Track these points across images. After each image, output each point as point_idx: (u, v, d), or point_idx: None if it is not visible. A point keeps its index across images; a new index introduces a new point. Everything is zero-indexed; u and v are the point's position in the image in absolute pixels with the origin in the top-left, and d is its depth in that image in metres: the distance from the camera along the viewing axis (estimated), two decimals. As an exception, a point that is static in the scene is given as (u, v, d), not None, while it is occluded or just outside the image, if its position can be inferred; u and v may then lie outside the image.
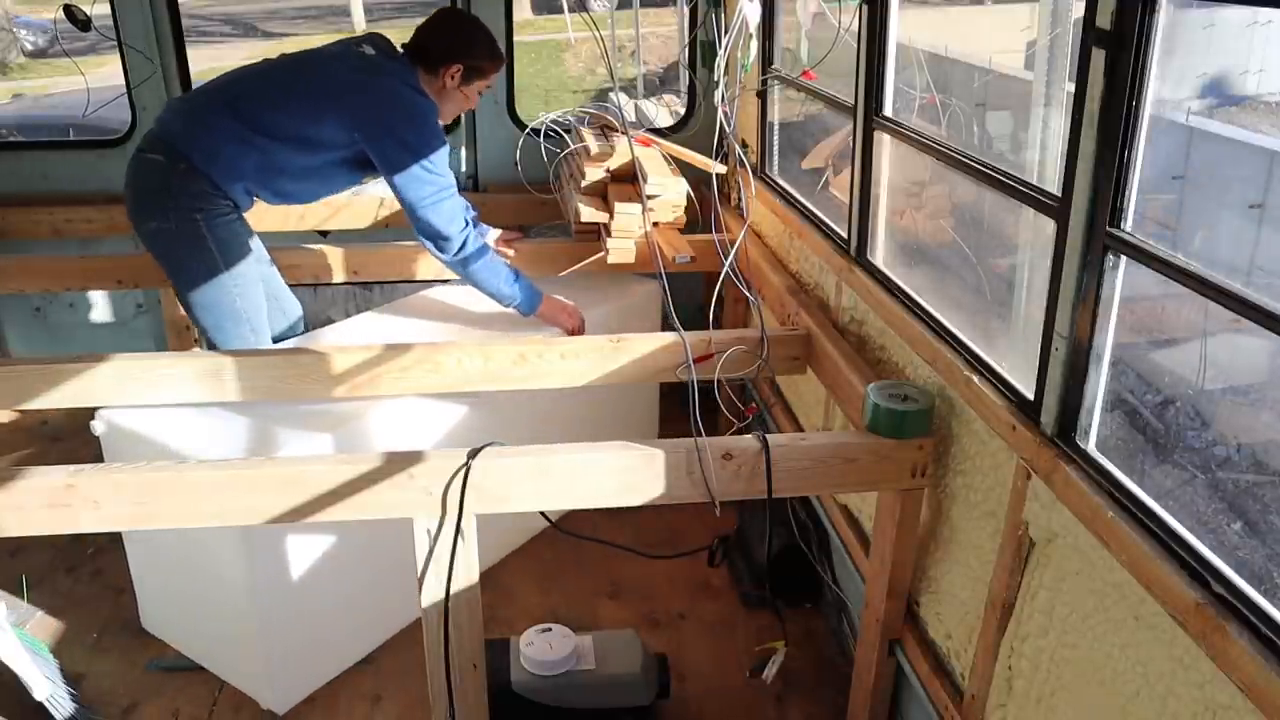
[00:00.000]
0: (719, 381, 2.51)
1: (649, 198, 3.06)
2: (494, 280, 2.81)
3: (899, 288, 2.30)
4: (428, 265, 3.35)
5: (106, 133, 3.87)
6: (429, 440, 2.66)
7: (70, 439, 3.77)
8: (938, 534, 2.13)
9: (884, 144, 2.42)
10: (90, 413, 2.50)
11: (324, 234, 3.81)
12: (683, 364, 2.51)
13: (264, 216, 3.76)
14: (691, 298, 3.25)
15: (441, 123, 2.82)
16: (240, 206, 2.77)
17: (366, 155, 2.72)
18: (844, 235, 2.59)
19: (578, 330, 2.90)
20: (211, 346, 2.80)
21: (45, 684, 2.35)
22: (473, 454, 1.96)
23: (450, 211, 2.71)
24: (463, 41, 2.82)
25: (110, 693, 2.57)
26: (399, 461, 1.96)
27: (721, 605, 2.90)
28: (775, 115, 3.30)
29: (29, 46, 15.53)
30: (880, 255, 2.48)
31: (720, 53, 2.84)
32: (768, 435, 2.04)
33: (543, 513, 2.32)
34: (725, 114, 2.67)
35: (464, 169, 3.92)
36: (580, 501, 2.05)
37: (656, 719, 2.36)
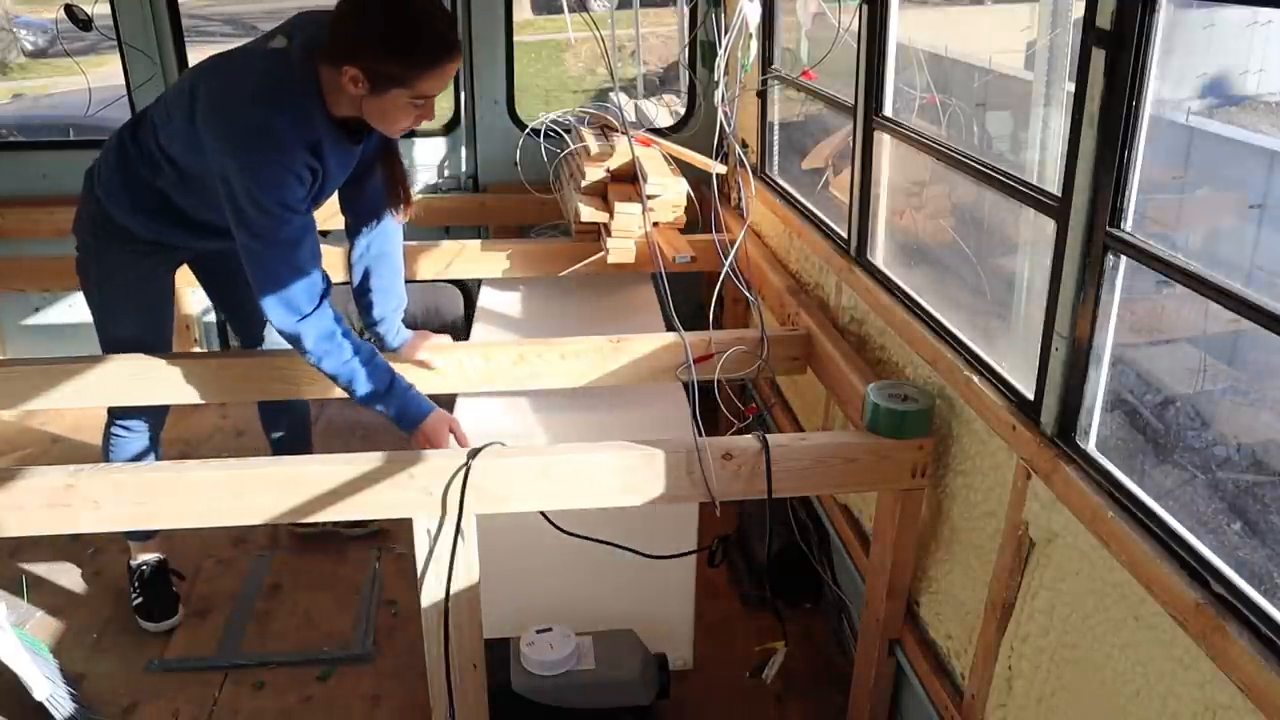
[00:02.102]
0: (719, 381, 2.51)
1: (649, 198, 3.06)
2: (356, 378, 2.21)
3: (899, 288, 2.30)
4: (428, 265, 3.35)
5: (107, 133, 3.85)
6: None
7: (70, 439, 3.77)
8: (938, 534, 2.13)
9: (884, 144, 2.42)
10: (91, 413, 2.51)
11: (324, 234, 3.80)
12: (683, 364, 2.51)
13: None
14: (691, 298, 3.25)
15: (384, 131, 2.13)
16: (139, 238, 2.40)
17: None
18: (844, 235, 2.59)
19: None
20: None
21: (45, 684, 2.35)
22: (473, 454, 1.97)
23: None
24: (360, 33, 1.97)
25: (110, 693, 2.58)
26: (399, 461, 1.96)
27: (721, 605, 2.90)
28: (775, 115, 3.30)
29: (29, 46, 15.52)
30: (880, 255, 2.48)
31: (720, 53, 2.84)
32: (768, 435, 2.04)
33: (543, 513, 2.32)
34: (725, 114, 2.67)
35: (464, 169, 3.93)
36: (581, 501, 2.05)
37: (656, 719, 2.36)
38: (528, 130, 3.72)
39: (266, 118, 2.02)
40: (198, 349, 3.99)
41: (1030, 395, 1.73)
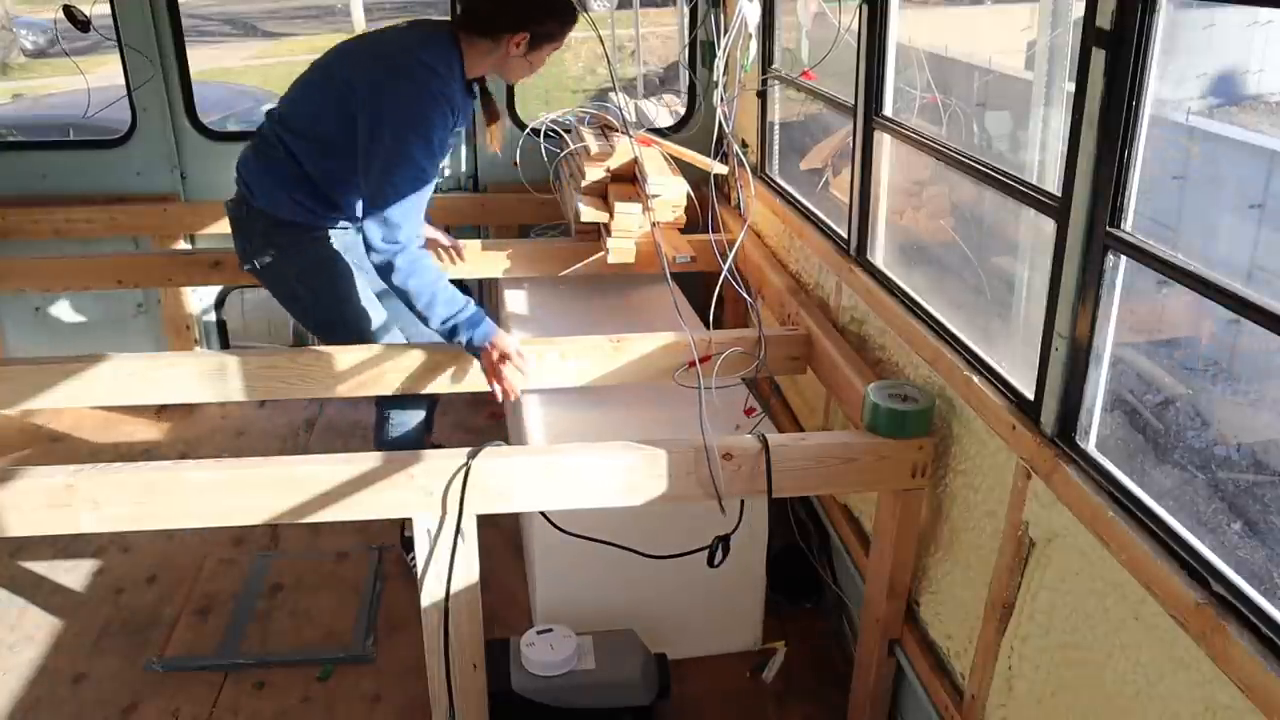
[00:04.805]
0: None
1: (651, 197, 3.06)
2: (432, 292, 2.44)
3: (899, 288, 2.30)
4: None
5: (106, 133, 3.88)
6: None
7: (70, 439, 3.77)
8: (938, 534, 2.13)
9: (884, 144, 2.42)
10: (91, 413, 2.51)
11: None
12: (681, 366, 2.51)
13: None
14: (693, 298, 3.25)
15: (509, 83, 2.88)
16: (318, 226, 2.66)
17: None
18: (844, 235, 2.59)
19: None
20: None
21: None
22: (473, 454, 1.97)
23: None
24: (529, 5, 2.52)
25: (110, 693, 2.57)
26: (399, 461, 1.97)
27: (721, 605, 2.89)
28: (775, 115, 3.30)
29: (29, 46, 15.54)
30: (880, 255, 2.48)
31: (720, 53, 2.84)
32: (768, 435, 2.04)
33: (543, 513, 2.32)
34: (724, 114, 2.67)
35: (464, 169, 3.93)
36: (582, 501, 2.05)
37: (656, 719, 2.36)
38: (528, 130, 3.72)
39: (434, 64, 2.46)
40: (198, 349, 3.99)
41: (1030, 395, 1.73)
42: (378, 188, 2.39)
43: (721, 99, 2.75)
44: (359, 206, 2.58)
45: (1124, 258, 1.51)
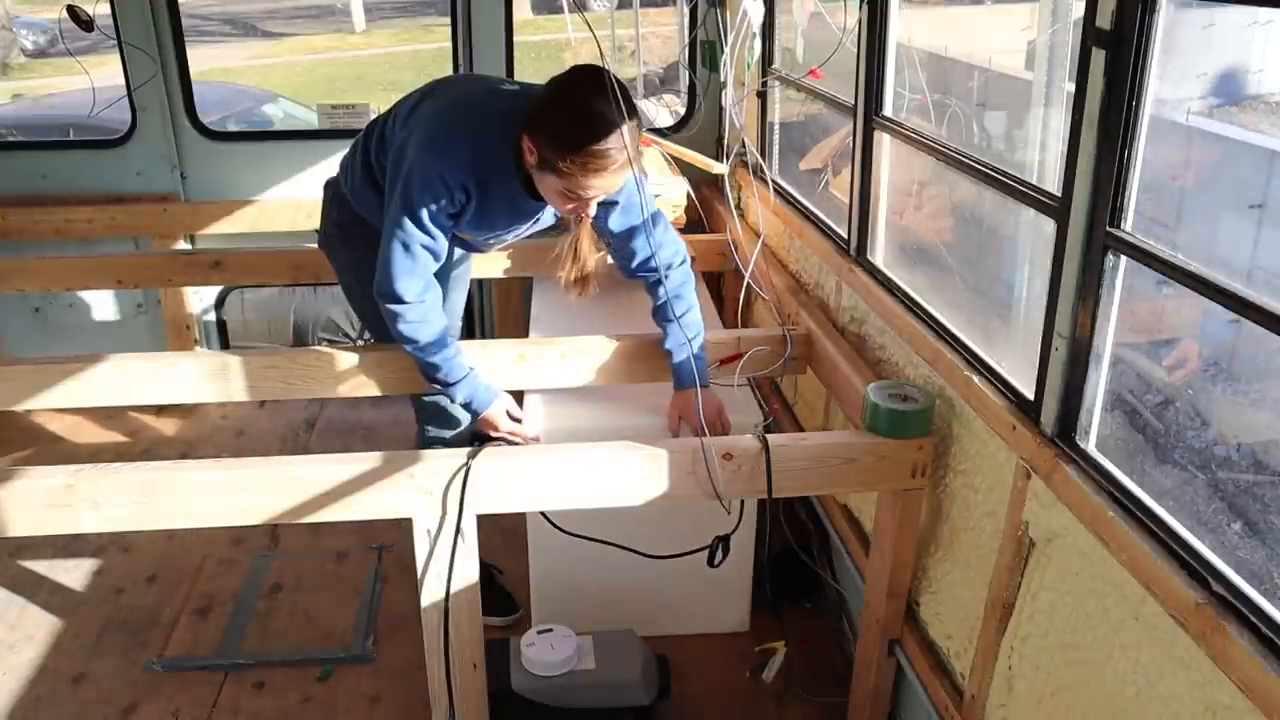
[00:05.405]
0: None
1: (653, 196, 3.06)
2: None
3: (899, 288, 2.30)
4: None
5: (106, 133, 3.88)
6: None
7: (70, 439, 3.77)
8: (938, 534, 2.13)
9: (884, 144, 2.42)
10: (91, 413, 2.52)
11: None
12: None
13: (274, 217, 3.75)
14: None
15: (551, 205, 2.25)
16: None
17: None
18: (844, 235, 2.59)
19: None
20: None
21: None
22: (473, 454, 1.97)
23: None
24: (544, 111, 2.11)
25: (110, 693, 2.58)
26: (399, 461, 1.97)
27: (721, 605, 2.89)
28: (775, 115, 3.30)
29: (29, 46, 15.54)
30: (880, 255, 2.48)
31: (725, 52, 2.84)
32: (768, 435, 2.04)
33: (543, 513, 2.32)
34: (734, 114, 2.67)
35: (464, 169, 3.92)
36: (582, 502, 2.05)
37: (656, 719, 2.36)
38: (528, 130, 3.71)
39: (455, 138, 2.21)
40: (198, 349, 4.00)
41: (1030, 395, 1.73)
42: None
43: (730, 99, 2.73)
44: None
45: (1124, 258, 1.51)
